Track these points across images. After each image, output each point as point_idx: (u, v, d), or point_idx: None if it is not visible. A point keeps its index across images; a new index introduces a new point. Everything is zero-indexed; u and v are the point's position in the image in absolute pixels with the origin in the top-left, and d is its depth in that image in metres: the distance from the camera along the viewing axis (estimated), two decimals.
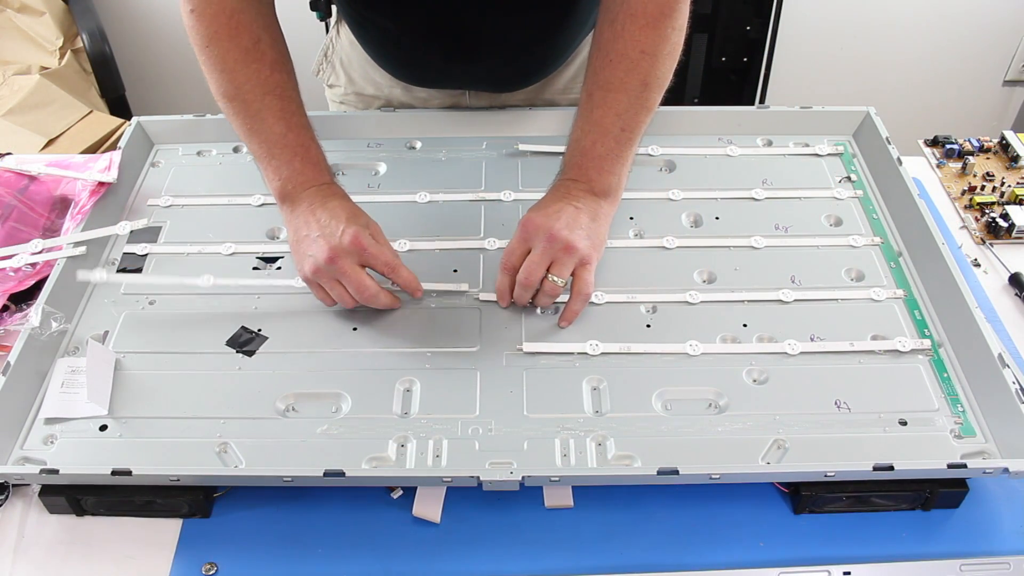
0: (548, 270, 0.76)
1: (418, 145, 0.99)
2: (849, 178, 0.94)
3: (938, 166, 1.04)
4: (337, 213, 0.76)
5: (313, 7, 1.01)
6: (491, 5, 0.86)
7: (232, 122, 0.80)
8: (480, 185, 0.94)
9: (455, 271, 0.84)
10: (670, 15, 0.76)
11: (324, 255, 0.74)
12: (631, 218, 0.89)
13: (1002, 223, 0.94)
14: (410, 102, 1.03)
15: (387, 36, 0.92)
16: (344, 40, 1.02)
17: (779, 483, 0.70)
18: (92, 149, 1.50)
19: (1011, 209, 0.95)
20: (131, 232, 0.88)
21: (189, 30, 0.78)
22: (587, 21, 0.94)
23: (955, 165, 1.04)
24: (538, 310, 0.80)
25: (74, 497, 0.67)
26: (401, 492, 0.69)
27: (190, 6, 0.77)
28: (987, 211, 0.97)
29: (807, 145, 0.98)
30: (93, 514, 0.69)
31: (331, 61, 1.04)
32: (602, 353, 0.76)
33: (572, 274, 0.77)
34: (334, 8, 1.01)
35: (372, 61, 1.00)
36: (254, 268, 0.85)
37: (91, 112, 1.60)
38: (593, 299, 0.80)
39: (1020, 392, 0.69)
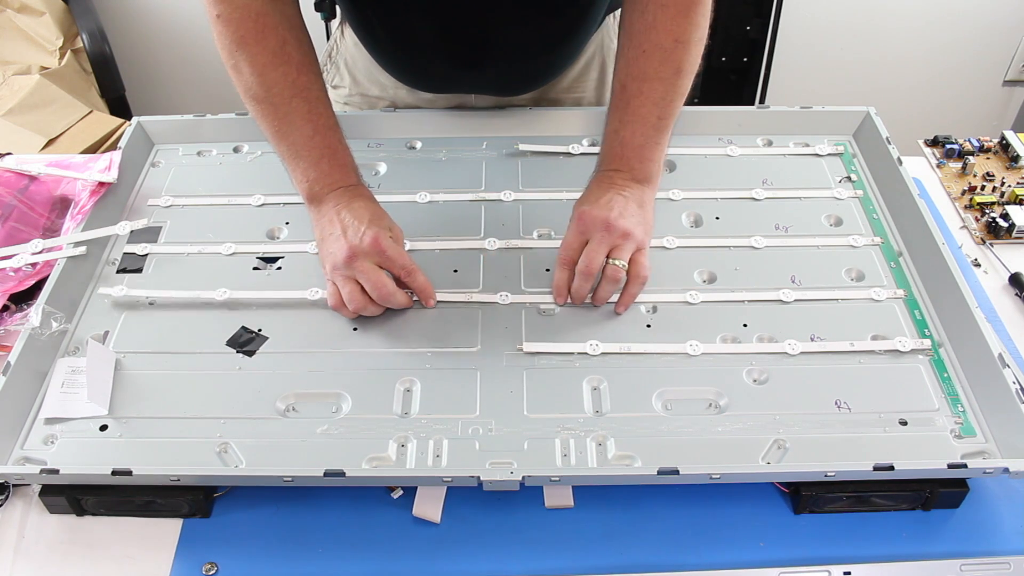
0: (610, 253, 0.77)
1: (418, 145, 0.99)
2: (849, 178, 0.94)
3: (938, 166, 1.04)
4: (360, 214, 0.77)
5: (318, 8, 1.01)
6: (500, 15, 0.86)
7: (260, 123, 0.81)
8: (480, 185, 0.94)
9: (455, 271, 0.84)
10: (700, 2, 0.77)
11: (343, 254, 0.75)
12: None
13: (1002, 223, 0.94)
14: (415, 103, 1.03)
15: (394, 42, 0.91)
16: (348, 41, 1.02)
17: (779, 483, 0.70)
18: (92, 149, 1.50)
19: (1011, 209, 0.95)
20: (131, 232, 0.88)
21: (216, 36, 0.78)
22: (594, 26, 0.95)
23: (955, 165, 1.04)
24: (602, 307, 0.79)
25: (74, 497, 0.67)
26: (401, 492, 0.69)
27: (216, 11, 0.77)
28: (987, 211, 0.97)
29: (807, 145, 0.98)
30: (93, 514, 0.69)
31: (335, 62, 1.04)
32: (602, 353, 0.76)
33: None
34: (338, 9, 1.01)
35: (377, 63, 1.00)
36: (254, 268, 0.85)
37: (91, 112, 1.60)
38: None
39: (1020, 392, 0.69)
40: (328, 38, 1.09)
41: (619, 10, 0.99)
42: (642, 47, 0.78)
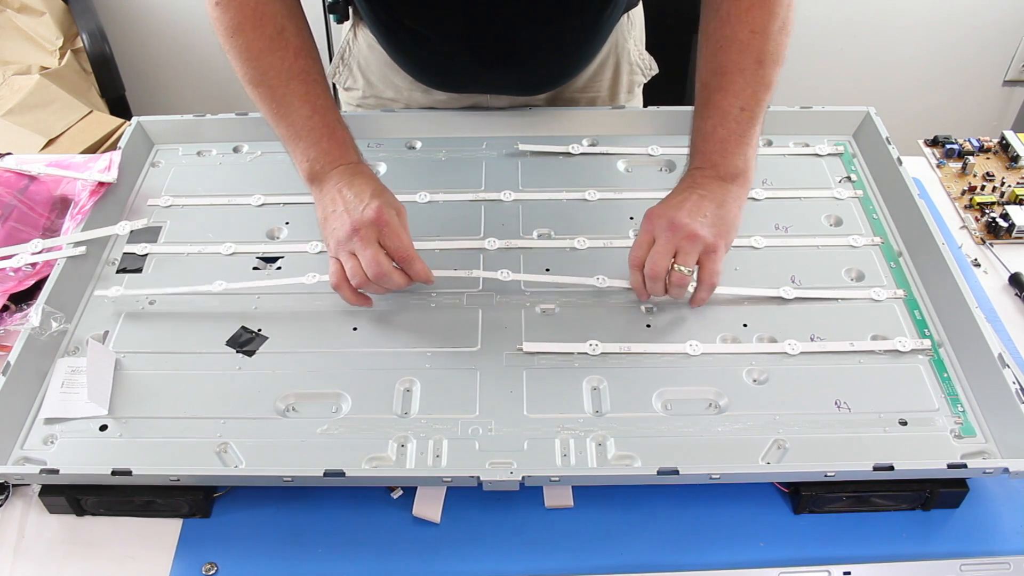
0: (675, 259, 0.75)
1: (418, 145, 0.99)
2: (849, 178, 0.94)
3: (938, 166, 1.04)
4: (362, 190, 0.77)
5: (331, 10, 1.01)
6: (529, 13, 0.86)
7: (259, 108, 0.81)
8: (480, 185, 0.94)
9: (455, 271, 0.84)
10: None
11: (346, 229, 0.75)
12: (631, 218, 0.89)
13: (1002, 223, 0.94)
14: (430, 104, 1.02)
15: (421, 43, 0.91)
16: (362, 43, 1.01)
17: (779, 483, 0.70)
18: (92, 149, 1.50)
19: (1011, 209, 0.95)
20: (131, 232, 0.88)
21: (214, 21, 0.79)
22: (613, 23, 0.95)
23: (955, 165, 1.04)
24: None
25: (74, 497, 0.67)
26: (401, 492, 0.69)
27: None
28: (987, 211, 0.97)
29: (807, 145, 0.98)
30: (93, 514, 0.69)
31: (348, 64, 1.04)
32: (602, 353, 0.76)
33: (698, 262, 0.76)
34: (351, 11, 1.01)
35: (393, 65, 0.99)
36: (254, 268, 0.85)
37: (91, 112, 1.60)
38: (596, 283, 0.80)
39: (1020, 392, 0.69)
40: (327, 38, 1.09)
41: (633, 9, 1.00)
42: (718, 43, 0.78)
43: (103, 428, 0.71)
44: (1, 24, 1.72)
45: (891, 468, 0.64)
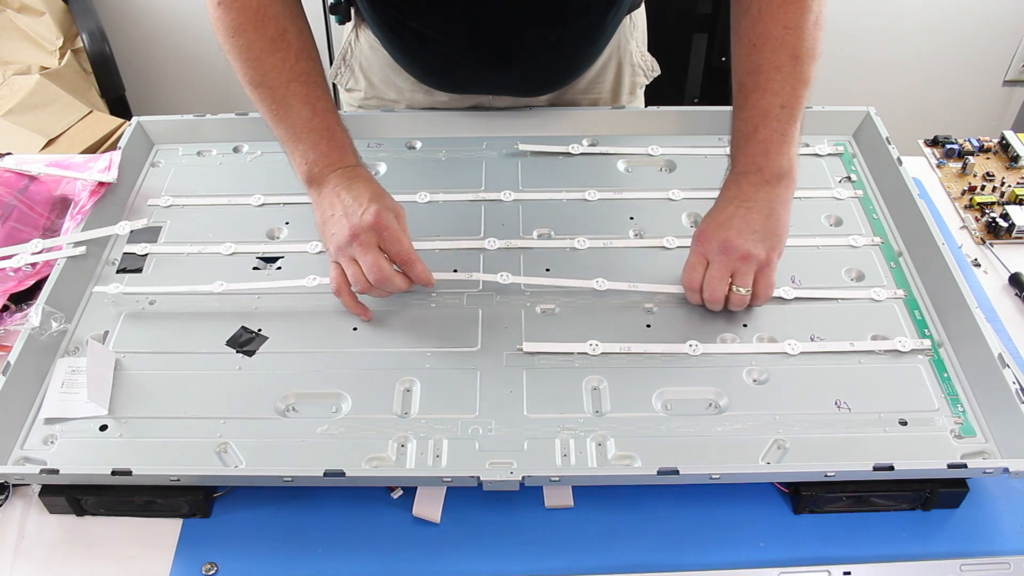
0: (732, 278, 0.76)
1: (418, 145, 0.99)
2: (849, 178, 0.94)
3: (938, 166, 1.04)
4: (361, 193, 0.77)
5: (333, 11, 1.01)
6: (533, 15, 0.86)
7: (259, 109, 0.81)
8: (480, 185, 0.94)
9: (455, 271, 0.84)
10: None
11: (345, 234, 0.75)
12: (631, 218, 0.89)
13: (1002, 223, 0.94)
14: (432, 105, 1.02)
15: (424, 44, 0.91)
16: (364, 44, 1.01)
17: (779, 483, 0.70)
18: (92, 149, 1.50)
19: (1011, 209, 0.95)
20: (131, 232, 0.88)
21: (215, 21, 0.79)
22: (616, 25, 0.95)
23: (955, 165, 1.04)
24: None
25: (74, 497, 0.67)
26: (401, 492, 0.69)
27: None
28: (987, 211, 0.97)
29: (807, 145, 0.98)
30: (93, 514, 0.69)
31: (350, 65, 1.04)
32: (602, 353, 0.76)
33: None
34: (353, 12, 1.01)
35: (395, 66, 0.99)
36: (254, 268, 0.85)
37: (91, 112, 1.60)
38: (595, 286, 0.80)
39: (1020, 392, 0.69)
40: (328, 39, 1.09)
41: (636, 11, 1.00)
42: (752, 42, 0.77)
43: (103, 428, 0.71)
44: (1, 24, 1.72)
45: (891, 468, 0.64)
